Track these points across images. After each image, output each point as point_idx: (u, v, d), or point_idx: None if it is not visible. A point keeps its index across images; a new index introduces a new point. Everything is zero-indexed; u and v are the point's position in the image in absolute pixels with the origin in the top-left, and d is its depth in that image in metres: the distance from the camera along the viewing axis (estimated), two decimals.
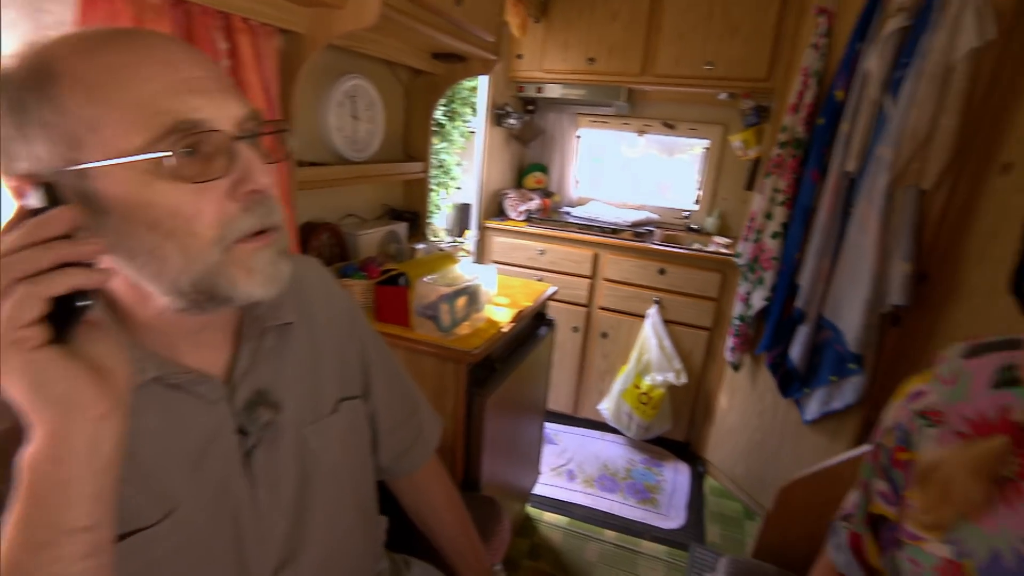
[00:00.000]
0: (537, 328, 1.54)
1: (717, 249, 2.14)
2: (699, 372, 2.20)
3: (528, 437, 1.63)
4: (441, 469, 0.84)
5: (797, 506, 1.06)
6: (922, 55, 1.36)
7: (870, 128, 1.49)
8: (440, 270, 1.19)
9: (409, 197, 1.66)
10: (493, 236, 2.41)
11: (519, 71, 2.37)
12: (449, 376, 1.12)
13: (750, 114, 2.12)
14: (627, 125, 2.58)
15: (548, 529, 1.86)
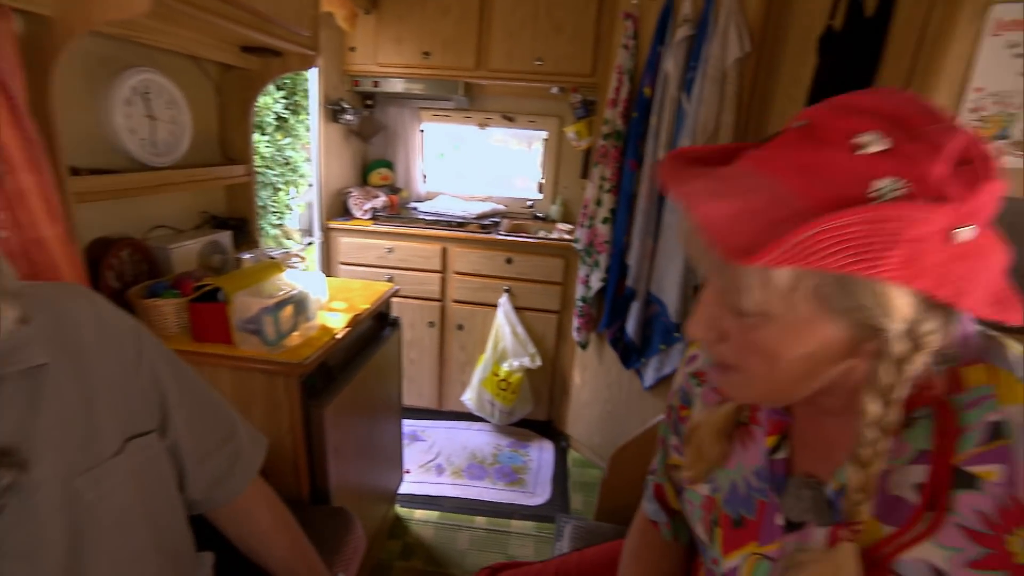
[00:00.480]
0: (381, 329, 1.52)
1: (560, 236, 2.27)
2: (552, 353, 2.33)
3: (384, 439, 1.60)
4: (266, 491, 0.79)
5: (627, 468, 1.18)
6: (705, 60, 1.57)
7: (673, 122, 1.68)
8: (263, 280, 1.11)
9: (233, 203, 1.51)
10: (339, 237, 2.31)
11: (353, 65, 2.29)
12: (280, 390, 1.06)
13: (579, 107, 2.27)
14: (469, 118, 2.62)
15: (419, 526, 1.86)
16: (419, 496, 1.99)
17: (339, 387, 1.19)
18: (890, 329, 0.39)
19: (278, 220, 3.62)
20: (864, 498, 0.43)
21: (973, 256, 0.37)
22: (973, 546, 0.40)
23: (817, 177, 0.38)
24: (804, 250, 0.35)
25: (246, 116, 1.42)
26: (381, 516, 1.68)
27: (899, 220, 0.35)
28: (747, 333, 0.44)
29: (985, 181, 0.36)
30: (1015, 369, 0.41)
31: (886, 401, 0.41)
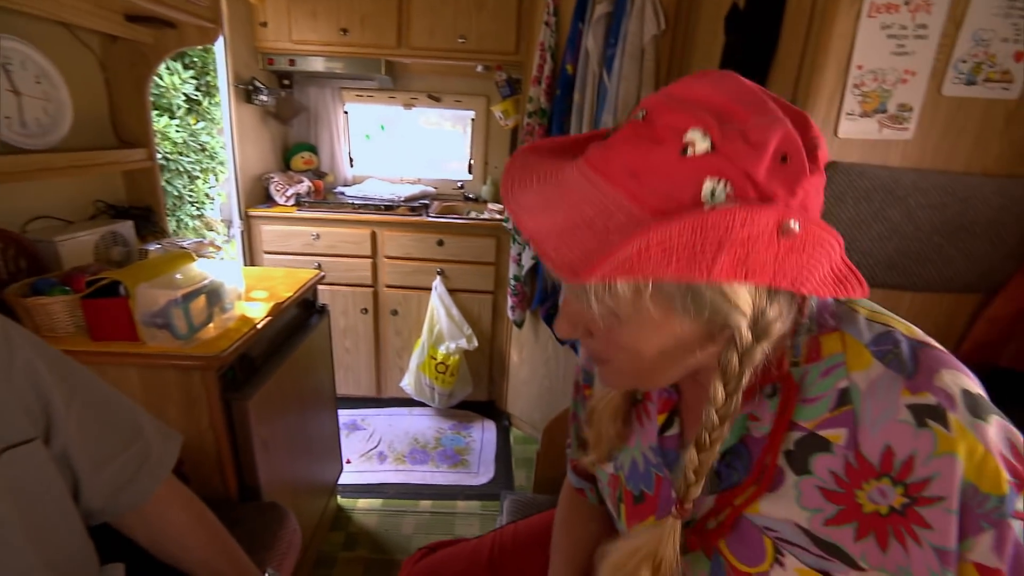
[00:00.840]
0: (308, 317, 1.46)
1: (491, 216, 2.27)
2: (489, 333, 2.34)
3: (319, 430, 1.56)
4: (181, 490, 0.75)
5: (561, 439, 1.21)
6: (623, 37, 1.59)
7: (595, 98, 1.71)
8: (171, 271, 1.04)
9: (134, 190, 1.40)
10: (260, 225, 2.19)
11: (265, 41, 2.16)
12: (197, 386, 1.00)
13: (504, 86, 2.26)
14: (393, 99, 2.55)
15: (363, 515, 1.83)
16: (361, 485, 1.96)
17: (263, 379, 1.14)
18: (738, 321, 0.40)
19: (197, 211, 3.40)
20: (697, 479, 0.45)
21: (806, 247, 0.38)
22: (829, 505, 0.42)
23: (648, 182, 0.38)
24: (634, 264, 0.35)
25: (141, 95, 1.30)
26: (321, 508, 1.64)
27: (724, 226, 0.35)
28: (608, 332, 0.44)
29: (804, 177, 0.37)
30: (862, 336, 0.43)
31: (729, 390, 0.42)
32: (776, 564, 0.45)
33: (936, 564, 0.38)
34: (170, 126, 2.19)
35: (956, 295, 1.07)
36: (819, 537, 0.43)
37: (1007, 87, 0.95)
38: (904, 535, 0.39)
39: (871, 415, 0.40)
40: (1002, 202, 0.97)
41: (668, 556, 0.46)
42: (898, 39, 0.93)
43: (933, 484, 0.38)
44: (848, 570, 0.42)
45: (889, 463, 0.39)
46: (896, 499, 0.39)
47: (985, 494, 0.37)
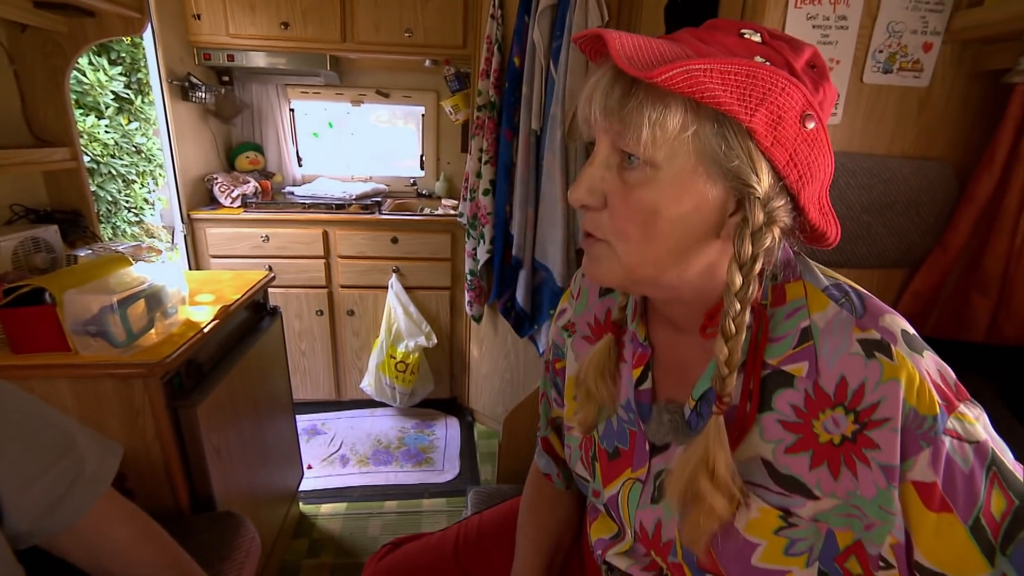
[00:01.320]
0: (259, 320, 1.42)
1: (445, 212, 2.25)
2: (448, 330, 2.33)
3: (276, 436, 1.52)
4: (122, 504, 0.71)
5: (521, 429, 1.22)
6: (569, 29, 1.61)
7: (543, 91, 1.72)
8: (104, 276, 0.98)
9: (58, 193, 1.31)
10: (205, 228, 2.11)
11: (200, 35, 2.07)
12: (139, 395, 0.95)
13: (453, 80, 2.25)
14: (341, 95, 2.49)
15: (326, 521, 1.80)
16: (324, 490, 1.92)
17: (212, 384, 1.10)
18: (755, 190, 0.43)
19: (136, 217, 3.23)
20: (729, 371, 0.47)
21: (815, 146, 0.44)
22: (789, 435, 0.47)
23: (712, 45, 0.44)
24: (696, 80, 0.39)
25: (59, 89, 1.22)
26: (282, 517, 1.60)
27: (771, 82, 0.41)
28: (631, 191, 0.46)
29: (826, 81, 0.44)
30: (819, 283, 0.49)
31: (745, 273, 0.45)
32: (742, 505, 0.48)
33: (883, 481, 0.43)
34: (98, 126, 2.08)
35: (885, 270, 1.14)
36: (779, 471, 0.47)
37: (918, 75, 1.02)
38: (854, 461, 0.44)
39: (828, 350, 0.46)
40: (919, 182, 1.04)
41: (722, 457, 0.47)
42: (822, 29, 0.98)
43: (881, 407, 0.43)
44: (805, 502, 0.46)
45: (843, 392, 0.44)
46: (848, 427, 0.44)
47: (923, 415, 0.42)
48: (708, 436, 0.48)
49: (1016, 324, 0.97)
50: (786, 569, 0.48)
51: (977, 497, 0.42)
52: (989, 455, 0.42)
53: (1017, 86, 0.93)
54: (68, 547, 0.66)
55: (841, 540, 0.46)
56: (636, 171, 0.45)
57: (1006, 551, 0.41)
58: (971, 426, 0.42)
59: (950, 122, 1.05)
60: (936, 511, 0.42)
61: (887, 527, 0.43)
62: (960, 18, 0.98)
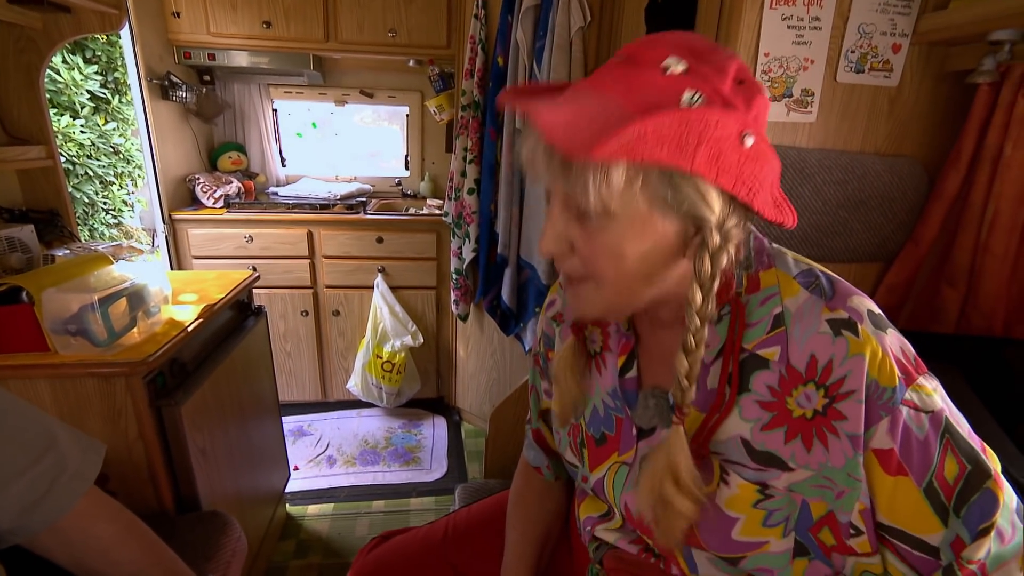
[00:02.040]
0: (244, 319, 1.41)
1: (430, 211, 2.26)
2: (434, 329, 2.33)
3: (261, 437, 1.51)
4: (106, 502, 0.71)
5: (507, 424, 1.23)
6: (551, 29, 1.63)
7: None
8: (84, 275, 0.97)
9: (33, 192, 1.29)
10: (188, 229, 2.08)
11: (180, 33, 2.04)
12: (121, 394, 0.94)
13: (437, 80, 2.25)
14: (324, 95, 2.48)
15: (314, 521, 1.79)
16: (311, 491, 1.91)
17: (196, 384, 1.09)
18: (709, 220, 0.45)
19: (114, 219, 3.17)
20: (690, 383, 0.49)
21: (759, 159, 0.45)
22: (765, 413, 0.50)
23: (636, 90, 0.44)
24: (633, 146, 0.41)
25: (33, 87, 1.19)
26: (268, 518, 1.59)
27: (703, 122, 0.42)
28: (593, 238, 0.48)
29: (758, 95, 0.45)
30: (791, 271, 0.52)
31: (704, 291, 0.47)
32: (722, 483, 0.51)
33: (850, 450, 0.46)
34: (73, 126, 2.04)
35: (861, 264, 1.17)
36: (756, 448, 0.50)
37: (888, 75, 1.05)
38: (825, 432, 0.47)
39: (799, 332, 0.49)
40: (891, 179, 1.07)
41: (683, 463, 0.49)
42: (797, 29, 1.01)
43: (847, 381, 0.46)
44: (780, 474, 0.49)
45: (813, 369, 0.47)
46: (819, 402, 0.47)
47: (883, 387, 0.45)
48: (670, 445, 0.50)
49: (983, 315, 1.01)
50: (764, 540, 0.50)
51: (931, 462, 0.45)
52: (943, 423, 0.45)
53: (981, 86, 0.97)
54: (50, 546, 0.66)
55: (815, 511, 0.49)
56: (593, 221, 0.47)
57: (960, 513, 0.44)
58: (928, 397, 0.46)
59: (919, 120, 1.09)
60: (893, 475, 0.45)
61: (855, 493, 0.46)
62: (926, 21, 1.01)
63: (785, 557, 0.50)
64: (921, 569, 0.46)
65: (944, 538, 0.45)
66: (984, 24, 0.90)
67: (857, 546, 0.48)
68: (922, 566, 0.46)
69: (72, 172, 2.60)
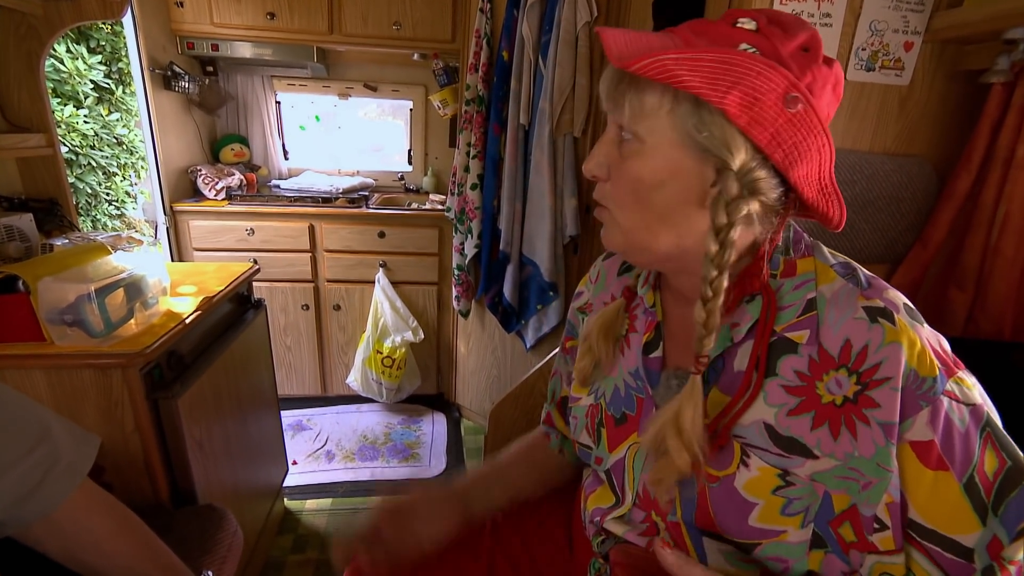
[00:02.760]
0: (243, 312, 1.40)
1: (432, 206, 2.24)
2: (435, 325, 2.32)
3: (260, 430, 1.50)
4: (100, 495, 0.70)
5: (507, 421, 1.22)
6: (557, 24, 1.61)
7: (531, 85, 1.72)
8: (82, 264, 0.96)
9: (33, 180, 1.28)
10: (189, 220, 2.08)
11: (183, 24, 2.03)
12: (118, 386, 0.93)
13: (441, 74, 2.24)
14: (328, 88, 2.47)
15: (312, 517, 1.78)
16: (309, 486, 1.91)
17: (194, 376, 1.08)
18: (730, 164, 0.46)
19: (117, 210, 3.16)
20: (706, 332, 0.49)
21: (803, 128, 0.45)
22: (792, 398, 0.49)
23: (702, 35, 0.47)
24: (664, 67, 0.43)
25: (34, 73, 1.18)
26: (266, 512, 1.58)
27: (744, 67, 0.43)
28: (622, 164, 0.51)
29: (816, 64, 0.46)
30: (828, 261, 0.52)
31: (720, 240, 0.47)
32: (742, 465, 0.50)
33: (882, 438, 0.45)
34: (77, 116, 2.03)
35: (868, 265, 1.15)
36: (780, 433, 0.49)
37: (899, 74, 1.03)
38: (854, 421, 0.46)
39: (833, 317, 0.48)
40: (900, 179, 1.06)
41: (688, 415, 0.49)
42: None
43: (882, 367, 0.45)
44: (804, 461, 0.48)
45: (847, 354, 0.47)
46: (850, 388, 0.46)
47: (923, 377, 0.44)
48: (683, 394, 0.50)
49: (991, 318, 0.99)
50: (782, 529, 0.49)
51: (972, 456, 0.43)
52: (984, 417, 0.44)
53: (994, 86, 0.95)
54: (42, 538, 0.65)
55: (837, 504, 0.47)
56: (628, 145, 0.50)
57: (997, 511, 0.43)
58: (968, 390, 0.45)
59: (930, 120, 1.07)
60: (933, 469, 0.44)
61: (884, 484, 0.45)
62: (940, 18, 0.99)
63: (802, 548, 0.50)
64: (952, 572, 0.44)
65: (980, 539, 0.43)
66: (999, 22, 0.88)
67: (880, 542, 0.46)
68: (953, 569, 0.44)
69: (75, 162, 2.59)
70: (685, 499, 0.54)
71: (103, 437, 0.95)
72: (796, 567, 0.51)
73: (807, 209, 0.52)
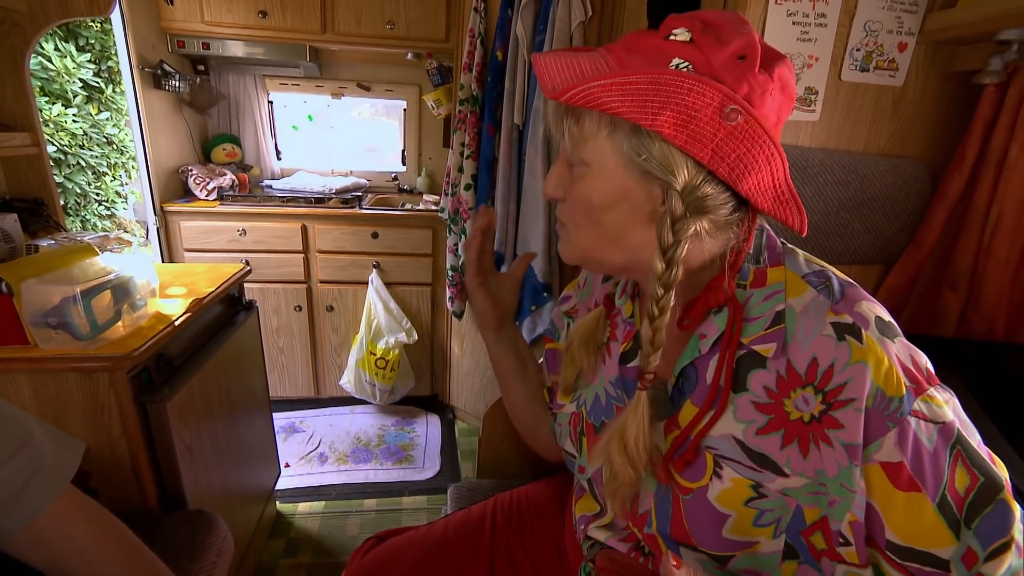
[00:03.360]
0: (235, 314, 1.38)
1: (426, 207, 2.23)
2: (429, 326, 2.31)
3: (251, 433, 1.48)
4: (84, 502, 0.68)
5: (501, 425, 1.21)
6: (552, 23, 1.60)
7: (526, 85, 1.71)
8: (68, 266, 0.95)
9: (18, 180, 1.26)
10: (179, 221, 2.05)
11: (173, 22, 2.01)
12: (104, 389, 0.92)
13: (435, 74, 2.22)
14: (321, 88, 2.45)
15: (304, 520, 1.77)
16: (301, 489, 1.89)
17: (183, 380, 1.06)
18: (673, 184, 0.45)
19: (107, 210, 3.13)
20: (652, 350, 0.50)
21: (746, 140, 0.44)
22: (761, 416, 0.48)
23: (635, 52, 0.47)
24: (593, 95, 0.43)
25: (18, 71, 1.16)
26: (257, 516, 1.57)
27: (674, 85, 0.42)
28: (573, 187, 0.52)
29: (751, 73, 0.44)
30: (800, 270, 0.50)
31: (667, 259, 0.47)
32: (715, 477, 0.50)
33: (845, 459, 0.44)
34: (65, 115, 2.00)
35: (862, 266, 1.16)
36: (751, 449, 0.49)
37: (893, 75, 1.03)
38: (820, 440, 0.45)
39: (803, 332, 0.47)
40: (894, 180, 1.06)
41: (632, 432, 0.50)
42: (802, 26, 0.99)
43: (847, 388, 0.44)
44: (775, 477, 0.48)
45: (814, 372, 0.46)
46: (816, 407, 0.46)
47: (889, 396, 0.43)
48: (627, 410, 0.51)
49: (984, 318, 0.99)
50: (755, 540, 0.49)
51: (942, 475, 0.43)
52: (954, 435, 0.43)
53: (987, 87, 0.95)
54: (24, 547, 0.63)
55: (808, 516, 0.47)
56: (576, 169, 0.51)
57: (971, 525, 0.42)
58: (939, 408, 0.43)
59: (924, 121, 1.07)
60: (905, 490, 0.43)
61: (847, 504, 0.44)
62: (933, 19, 0.99)
63: (774, 559, 0.49)
64: None
65: (955, 552, 0.43)
66: (992, 23, 0.88)
67: (846, 555, 0.46)
68: None
69: (64, 162, 2.56)
70: (660, 511, 0.54)
71: (89, 442, 0.94)
72: None
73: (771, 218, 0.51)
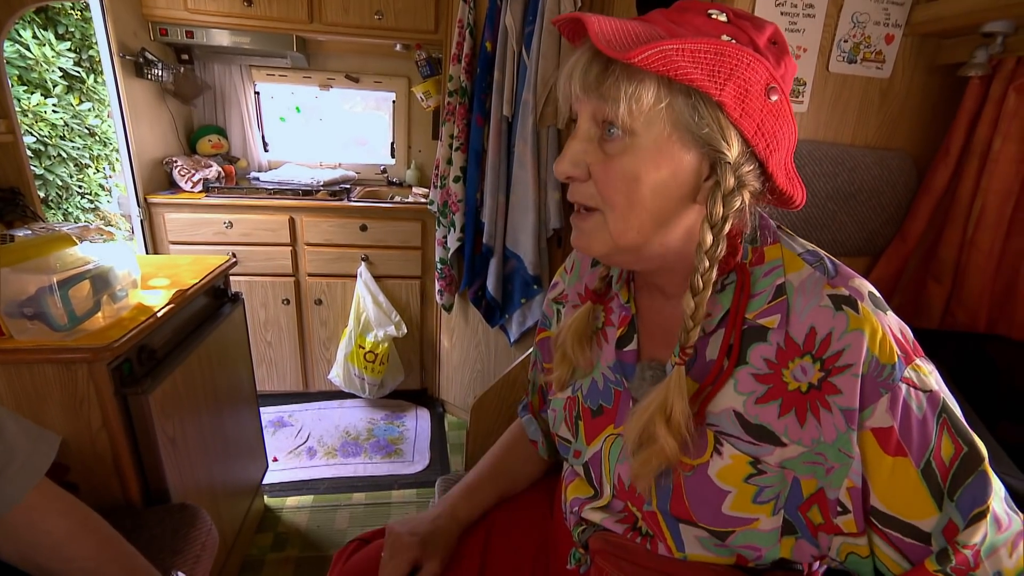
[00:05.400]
0: (220, 306, 1.36)
1: (415, 199, 2.21)
2: (418, 320, 2.30)
3: (238, 427, 1.47)
4: (59, 495, 0.67)
5: (489, 416, 1.21)
6: (541, 14, 1.59)
7: (515, 76, 1.70)
8: (43, 256, 0.92)
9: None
10: (164, 213, 2.02)
11: (155, 8, 1.97)
12: (83, 381, 0.90)
13: (424, 65, 2.20)
14: (308, 79, 2.42)
15: (292, 514, 1.76)
16: (290, 483, 1.88)
17: (166, 372, 1.05)
18: (726, 156, 0.46)
19: (90, 203, 3.08)
20: (694, 324, 0.50)
21: (780, 118, 0.47)
22: (760, 386, 0.50)
23: (682, 26, 0.46)
24: (669, 59, 0.42)
25: None
26: (245, 510, 1.55)
27: (738, 58, 0.44)
28: (611, 161, 0.49)
29: (786, 55, 0.47)
30: (795, 249, 0.53)
31: (716, 232, 0.48)
32: (715, 453, 0.51)
33: (843, 424, 0.46)
34: (45, 105, 1.96)
35: (849, 258, 1.16)
36: (750, 421, 0.50)
37: (880, 67, 1.03)
38: (819, 407, 0.47)
39: (800, 304, 0.49)
40: (880, 172, 1.06)
41: (678, 405, 0.49)
42: (791, 16, 0.99)
43: (844, 355, 0.46)
44: (774, 449, 0.49)
45: (811, 342, 0.48)
46: (814, 375, 0.47)
47: (883, 364, 0.45)
48: (669, 384, 0.50)
49: (967, 310, 1.00)
50: (754, 516, 0.50)
51: (929, 441, 0.45)
52: (940, 403, 0.45)
53: (972, 79, 0.96)
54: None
55: (805, 488, 0.49)
56: (616, 141, 0.48)
57: (953, 496, 0.44)
58: (926, 377, 0.46)
59: (910, 114, 1.07)
60: (892, 455, 0.45)
61: (845, 469, 0.46)
62: (920, 11, 0.99)
63: (774, 535, 0.51)
64: (911, 555, 0.46)
65: (937, 523, 0.44)
66: (978, 15, 0.89)
67: (843, 525, 0.47)
68: (912, 552, 0.46)
69: (44, 153, 2.51)
70: (660, 488, 0.55)
71: (68, 435, 0.93)
72: (768, 555, 0.52)
73: (776, 195, 0.53)
